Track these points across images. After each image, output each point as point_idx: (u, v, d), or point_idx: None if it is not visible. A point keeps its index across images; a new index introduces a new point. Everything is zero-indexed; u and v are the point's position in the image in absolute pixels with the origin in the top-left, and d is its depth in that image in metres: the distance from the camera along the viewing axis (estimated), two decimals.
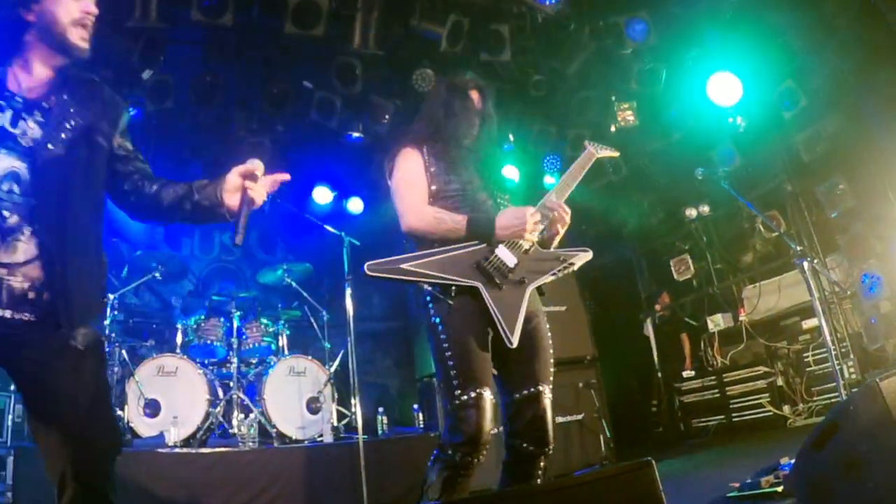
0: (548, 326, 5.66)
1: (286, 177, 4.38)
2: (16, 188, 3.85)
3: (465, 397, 5.04)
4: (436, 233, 5.45)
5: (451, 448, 5.09)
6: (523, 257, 5.45)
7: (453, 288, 5.27)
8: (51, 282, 3.91)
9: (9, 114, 3.89)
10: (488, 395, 5.10)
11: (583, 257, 5.73)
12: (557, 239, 5.77)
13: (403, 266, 5.20)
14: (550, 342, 5.60)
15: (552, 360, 5.53)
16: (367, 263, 5.32)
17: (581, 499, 3.31)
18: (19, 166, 3.88)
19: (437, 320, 5.30)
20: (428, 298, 5.41)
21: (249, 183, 4.13)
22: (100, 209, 4.28)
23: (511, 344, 5.10)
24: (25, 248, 3.87)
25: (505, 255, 5.37)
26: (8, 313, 3.81)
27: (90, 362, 4.06)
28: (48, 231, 3.92)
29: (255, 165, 4.14)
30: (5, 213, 3.81)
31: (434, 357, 5.36)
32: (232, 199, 4.16)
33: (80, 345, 3.87)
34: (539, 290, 5.69)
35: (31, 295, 3.86)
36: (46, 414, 3.95)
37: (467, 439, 5.01)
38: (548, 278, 5.57)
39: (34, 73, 4.08)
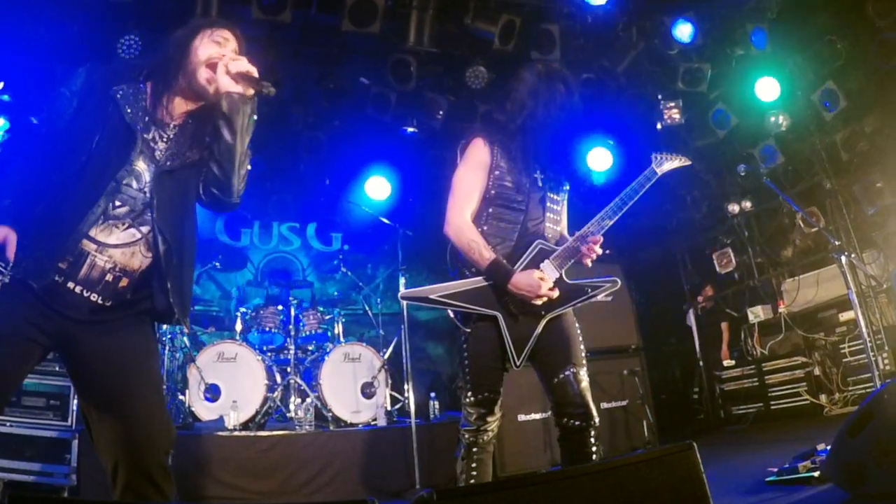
0: (574, 319, 5.92)
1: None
2: (134, 183, 4.19)
3: (474, 398, 5.67)
4: (464, 253, 5.79)
5: (466, 433, 5.75)
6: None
7: (475, 315, 5.70)
8: (165, 271, 4.23)
9: (153, 131, 4.33)
10: (491, 397, 5.69)
11: (608, 289, 5.92)
12: (588, 262, 5.91)
13: (432, 296, 5.68)
14: (579, 331, 5.85)
15: (582, 346, 5.77)
16: (401, 293, 6.42)
17: (626, 479, 3.32)
18: (143, 168, 4.21)
19: (462, 338, 5.81)
20: (458, 319, 5.84)
21: (231, 65, 4.44)
22: (195, 218, 4.57)
23: (516, 367, 5.69)
24: (119, 235, 4.11)
25: None
26: (78, 289, 3.96)
27: (147, 353, 4.26)
28: (167, 226, 4.26)
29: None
30: (117, 202, 4.11)
31: (458, 361, 5.93)
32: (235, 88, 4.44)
33: (188, 329, 4.17)
34: (577, 287, 5.86)
35: (108, 277, 4.04)
36: (102, 402, 4.05)
37: (475, 426, 5.69)
38: (566, 309, 5.81)
39: (175, 107, 4.46)
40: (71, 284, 3.94)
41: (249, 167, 4.59)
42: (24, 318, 3.84)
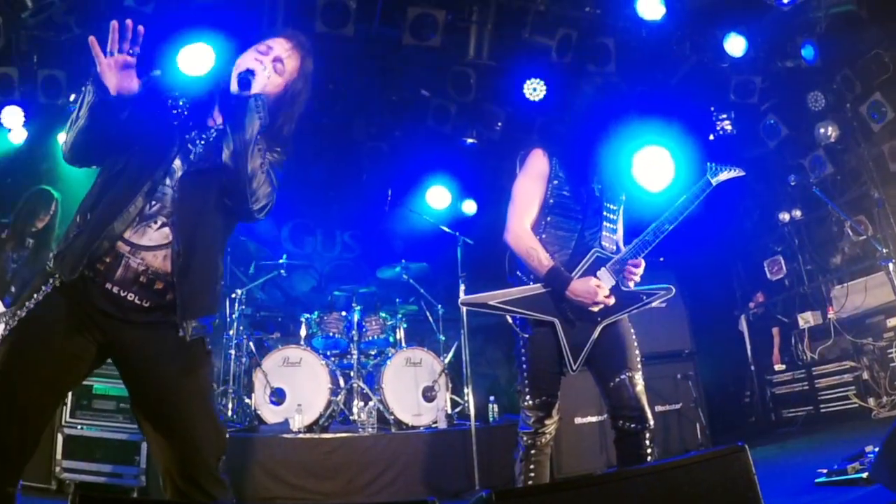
0: (630, 324, 6.01)
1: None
2: (168, 181, 4.19)
3: (533, 401, 5.85)
4: (523, 259, 5.92)
5: (525, 435, 5.92)
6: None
7: (533, 321, 5.89)
8: (173, 269, 4.10)
9: (194, 133, 4.40)
10: (549, 400, 5.87)
11: (662, 297, 6.04)
12: (631, 284, 6.01)
13: (491, 302, 5.86)
14: (634, 336, 5.94)
15: (637, 351, 5.85)
16: (461, 299, 6.80)
17: (680, 480, 3.39)
18: (178, 166, 4.23)
19: (521, 344, 6.02)
20: (516, 325, 6.03)
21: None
22: (223, 224, 4.51)
23: (572, 371, 5.80)
24: (152, 235, 4.08)
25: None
26: (115, 289, 3.96)
27: (194, 361, 4.18)
28: (183, 224, 4.15)
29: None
30: (153, 202, 4.12)
31: (516, 366, 6.13)
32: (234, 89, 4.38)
33: (189, 336, 4.06)
34: (633, 295, 5.96)
35: (142, 279, 4.02)
36: (148, 409, 4.09)
37: (533, 429, 5.86)
38: (622, 315, 5.92)
39: (219, 115, 4.54)
40: (108, 285, 3.96)
41: (261, 163, 4.33)
42: (73, 317, 3.90)
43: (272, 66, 4.56)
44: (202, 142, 4.38)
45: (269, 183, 4.38)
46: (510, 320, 6.04)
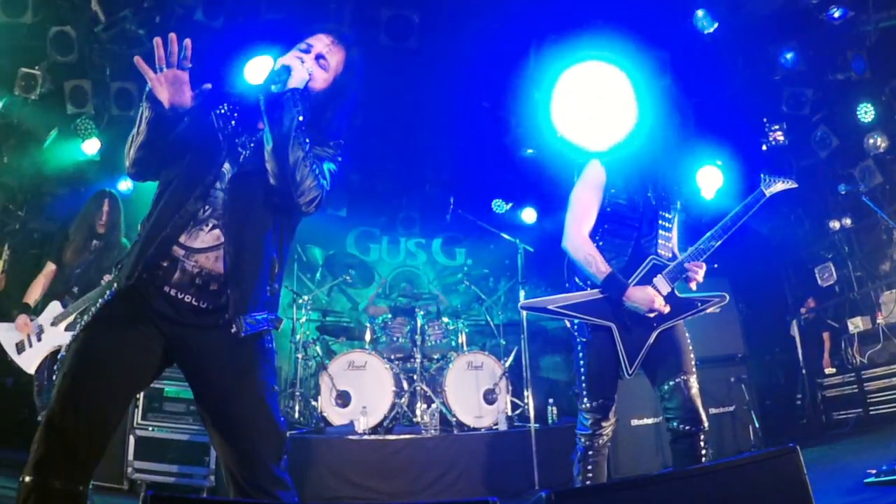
0: (685, 329, 6.05)
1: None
2: (218, 184, 4.23)
3: (590, 404, 5.95)
4: (582, 266, 5.98)
5: (582, 437, 6.03)
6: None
7: (591, 325, 5.97)
8: (225, 269, 4.12)
9: (244, 137, 4.41)
10: (606, 403, 5.94)
11: (716, 304, 6.13)
12: (693, 285, 6.07)
13: (550, 307, 5.98)
14: (689, 340, 5.99)
15: (692, 355, 5.91)
16: (521, 303, 7.19)
17: (734, 480, 3.45)
18: (227, 169, 4.27)
19: (578, 348, 6.11)
20: (574, 329, 6.06)
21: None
22: (273, 223, 4.39)
23: (628, 375, 5.87)
24: (204, 238, 4.12)
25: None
26: (173, 291, 4.01)
27: (249, 360, 4.15)
28: (232, 224, 4.17)
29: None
30: (206, 206, 4.16)
31: (574, 369, 6.21)
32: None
33: (242, 331, 4.01)
34: (688, 301, 6.05)
35: (197, 281, 4.05)
36: (207, 408, 4.11)
37: (590, 431, 5.96)
38: (677, 321, 5.98)
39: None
40: (167, 288, 4.00)
41: (303, 155, 4.16)
42: (135, 319, 3.95)
43: (315, 63, 4.57)
44: (252, 144, 4.39)
45: (314, 176, 4.26)
46: (569, 325, 6.09)
